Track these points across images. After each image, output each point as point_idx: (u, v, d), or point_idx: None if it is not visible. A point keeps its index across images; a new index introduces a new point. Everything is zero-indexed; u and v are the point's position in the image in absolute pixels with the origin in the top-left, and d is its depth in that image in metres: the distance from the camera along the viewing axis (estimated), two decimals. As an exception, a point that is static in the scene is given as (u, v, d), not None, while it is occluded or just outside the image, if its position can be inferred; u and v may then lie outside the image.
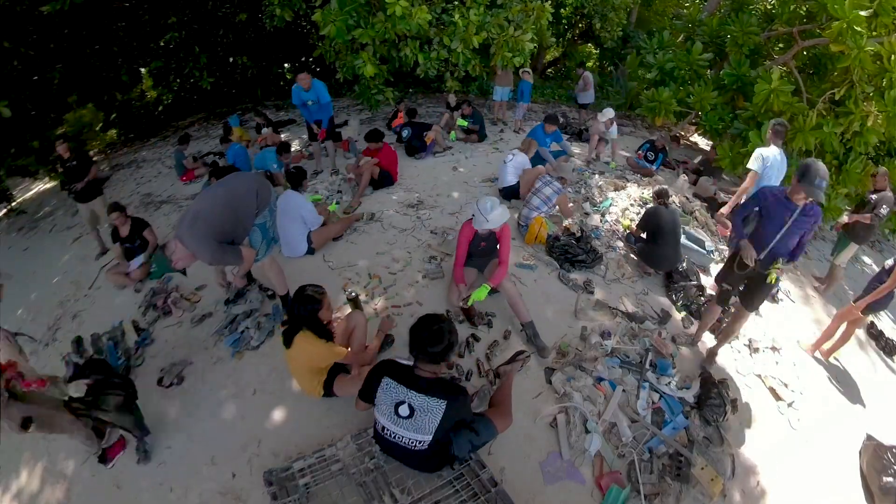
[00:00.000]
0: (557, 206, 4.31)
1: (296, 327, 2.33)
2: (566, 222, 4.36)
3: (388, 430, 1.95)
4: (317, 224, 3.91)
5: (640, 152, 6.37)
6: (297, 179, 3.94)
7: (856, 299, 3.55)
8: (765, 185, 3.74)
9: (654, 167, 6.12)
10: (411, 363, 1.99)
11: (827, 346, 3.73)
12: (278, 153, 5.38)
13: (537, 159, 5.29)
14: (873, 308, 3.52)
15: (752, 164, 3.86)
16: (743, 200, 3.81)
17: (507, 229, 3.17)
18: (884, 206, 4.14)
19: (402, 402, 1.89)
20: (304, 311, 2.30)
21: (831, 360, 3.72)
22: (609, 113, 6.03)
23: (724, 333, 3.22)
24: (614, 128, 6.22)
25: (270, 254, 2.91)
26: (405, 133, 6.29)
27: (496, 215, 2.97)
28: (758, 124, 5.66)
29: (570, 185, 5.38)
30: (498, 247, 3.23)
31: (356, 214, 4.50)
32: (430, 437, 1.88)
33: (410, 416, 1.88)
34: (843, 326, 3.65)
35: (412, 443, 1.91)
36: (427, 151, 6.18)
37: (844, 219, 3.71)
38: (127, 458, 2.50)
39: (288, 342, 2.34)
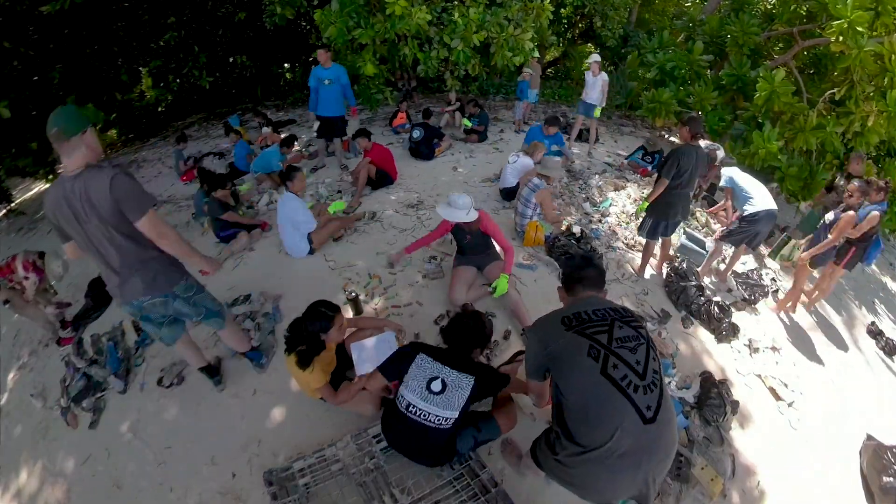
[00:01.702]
0: (540, 204, 3.98)
1: (298, 346, 2.22)
2: (566, 223, 4.34)
3: (414, 406, 1.94)
4: (311, 227, 3.85)
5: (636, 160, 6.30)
6: (287, 175, 3.81)
7: (803, 250, 3.80)
8: (746, 199, 3.79)
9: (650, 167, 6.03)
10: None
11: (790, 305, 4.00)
12: (282, 146, 5.39)
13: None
14: (818, 262, 3.81)
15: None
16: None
17: (486, 217, 3.20)
18: None
19: (436, 378, 1.94)
20: (311, 329, 2.20)
21: (830, 358, 3.73)
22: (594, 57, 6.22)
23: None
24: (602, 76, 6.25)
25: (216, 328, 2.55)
26: (416, 133, 6.07)
27: (465, 202, 3.04)
28: (758, 125, 5.66)
29: (572, 185, 5.37)
30: (491, 240, 3.28)
31: (357, 214, 4.51)
32: (457, 414, 1.92)
33: (442, 391, 1.92)
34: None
35: (438, 420, 1.92)
36: (432, 158, 6.13)
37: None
38: (126, 458, 2.50)
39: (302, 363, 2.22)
